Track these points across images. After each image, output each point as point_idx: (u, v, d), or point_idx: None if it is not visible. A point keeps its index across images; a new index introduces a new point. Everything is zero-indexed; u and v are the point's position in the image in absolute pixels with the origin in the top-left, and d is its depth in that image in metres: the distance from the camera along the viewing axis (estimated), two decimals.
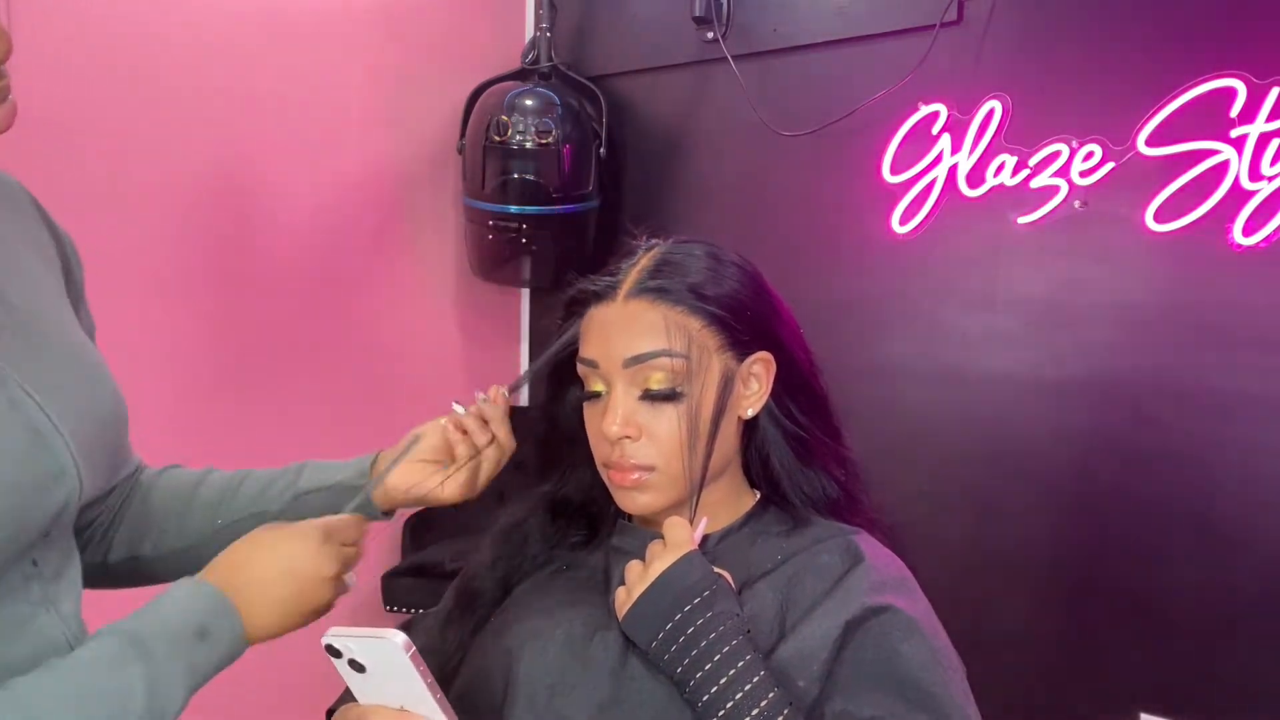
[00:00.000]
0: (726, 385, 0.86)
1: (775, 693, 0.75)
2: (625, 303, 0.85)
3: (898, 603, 0.82)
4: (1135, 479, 1.53)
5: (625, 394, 0.84)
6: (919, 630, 0.80)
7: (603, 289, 0.87)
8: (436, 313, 2.19)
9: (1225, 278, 1.44)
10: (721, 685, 0.75)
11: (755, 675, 0.75)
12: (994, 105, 1.61)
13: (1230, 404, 1.45)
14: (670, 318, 0.84)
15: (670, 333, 0.83)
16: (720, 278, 0.87)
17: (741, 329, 0.86)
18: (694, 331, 0.84)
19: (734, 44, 1.93)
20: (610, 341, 0.85)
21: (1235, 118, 1.40)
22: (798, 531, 0.90)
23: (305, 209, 1.89)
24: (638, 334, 0.84)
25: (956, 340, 1.71)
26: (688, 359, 0.83)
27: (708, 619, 0.77)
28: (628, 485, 0.85)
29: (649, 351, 0.83)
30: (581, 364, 0.87)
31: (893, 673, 0.78)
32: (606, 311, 0.86)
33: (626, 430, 0.83)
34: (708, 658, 0.76)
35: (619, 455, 0.84)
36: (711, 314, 0.85)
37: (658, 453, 0.84)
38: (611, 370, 0.84)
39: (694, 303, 0.85)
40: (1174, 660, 1.51)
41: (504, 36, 2.24)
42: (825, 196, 1.85)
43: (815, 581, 0.84)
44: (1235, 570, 1.45)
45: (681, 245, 0.90)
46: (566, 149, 1.99)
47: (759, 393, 0.88)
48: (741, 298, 0.87)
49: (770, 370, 0.88)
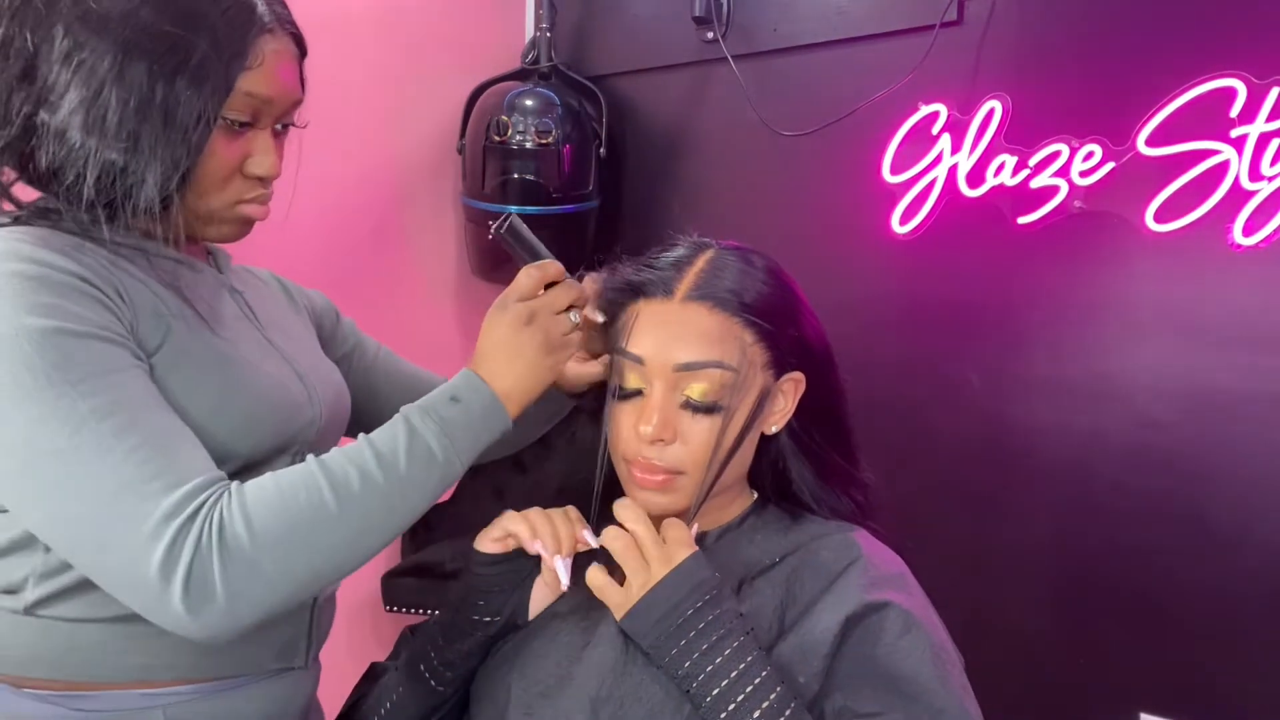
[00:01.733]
0: (762, 401, 0.86)
1: (780, 689, 0.76)
2: (683, 304, 0.84)
3: (896, 598, 0.82)
4: (1135, 479, 1.53)
5: (666, 397, 0.83)
6: (917, 625, 0.81)
7: (655, 284, 0.86)
8: (436, 313, 2.19)
9: (1225, 278, 1.44)
10: (727, 683, 0.75)
11: (760, 672, 0.76)
12: (994, 105, 1.61)
13: (1230, 404, 1.45)
14: (727, 328, 0.83)
15: (725, 344, 0.83)
16: (776, 294, 0.87)
17: (787, 349, 0.86)
18: (747, 345, 0.84)
19: (734, 44, 1.93)
20: (663, 342, 0.83)
21: (1235, 118, 1.40)
22: (796, 529, 0.91)
23: (305, 209, 1.88)
24: (693, 340, 0.83)
25: (957, 340, 1.71)
26: (736, 372, 0.83)
27: (715, 617, 0.78)
28: (653, 486, 0.85)
29: (702, 361, 0.82)
30: (623, 356, 0.85)
31: (891, 668, 0.78)
32: (662, 309, 0.85)
33: (663, 434, 0.83)
34: (713, 656, 0.76)
35: (650, 456, 0.84)
36: (765, 330, 0.85)
37: (689, 459, 0.84)
38: (657, 371, 0.84)
39: (750, 317, 0.84)
40: (1174, 660, 1.51)
41: (504, 36, 2.24)
42: (825, 196, 1.85)
43: (814, 578, 0.85)
44: (1235, 570, 1.45)
45: (739, 253, 0.89)
46: (566, 149, 1.99)
47: (784, 410, 0.89)
48: (792, 317, 0.87)
49: (799, 390, 0.89)
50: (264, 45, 0.86)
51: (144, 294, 0.84)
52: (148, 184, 0.81)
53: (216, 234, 0.92)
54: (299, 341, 1.04)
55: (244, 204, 0.91)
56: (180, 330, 0.85)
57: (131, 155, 0.80)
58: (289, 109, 0.92)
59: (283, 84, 0.88)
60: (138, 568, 0.73)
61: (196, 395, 0.83)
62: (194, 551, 0.73)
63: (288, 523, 0.76)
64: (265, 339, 0.97)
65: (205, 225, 0.90)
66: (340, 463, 0.81)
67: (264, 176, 0.91)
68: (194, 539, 0.73)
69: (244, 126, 0.87)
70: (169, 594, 0.73)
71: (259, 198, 0.92)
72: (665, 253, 0.90)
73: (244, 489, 0.78)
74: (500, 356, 0.87)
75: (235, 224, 0.92)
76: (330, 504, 0.78)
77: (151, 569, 0.72)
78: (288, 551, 0.76)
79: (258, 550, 0.75)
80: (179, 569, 0.72)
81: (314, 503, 0.77)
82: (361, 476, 0.80)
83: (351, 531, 0.79)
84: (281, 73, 0.88)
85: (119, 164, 0.81)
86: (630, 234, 2.18)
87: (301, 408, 0.94)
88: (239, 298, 0.98)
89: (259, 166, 0.90)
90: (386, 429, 0.84)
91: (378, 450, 0.81)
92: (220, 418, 0.84)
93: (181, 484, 0.75)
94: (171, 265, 0.89)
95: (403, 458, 0.81)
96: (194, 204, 0.87)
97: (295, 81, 0.91)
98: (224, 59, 0.83)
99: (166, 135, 0.81)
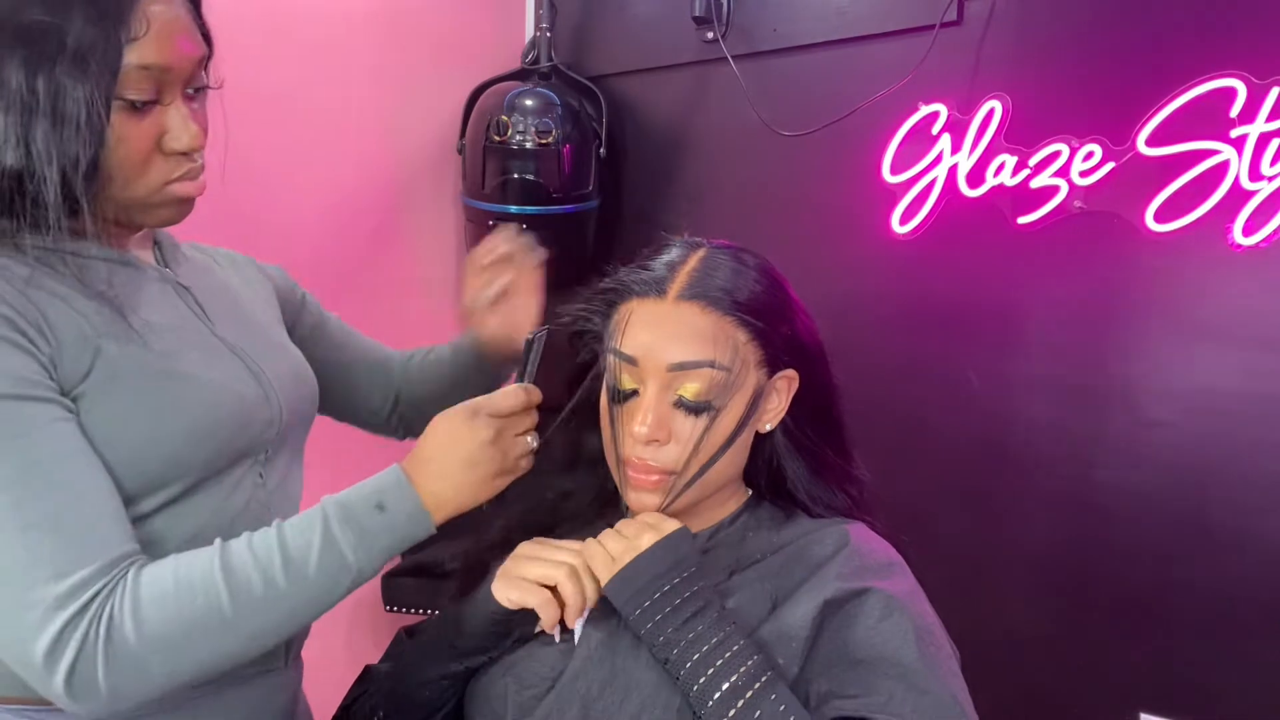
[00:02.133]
0: (755, 400, 0.86)
1: (757, 657, 0.76)
2: (676, 304, 0.84)
3: (878, 584, 0.82)
4: (1135, 478, 1.53)
5: (659, 397, 0.83)
6: (900, 609, 0.80)
7: (648, 284, 0.86)
8: (436, 313, 2.19)
9: (1225, 278, 1.44)
10: (705, 651, 0.76)
11: (737, 642, 0.76)
12: (994, 105, 1.61)
13: (1230, 404, 1.45)
14: (720, 327, 0.83)
15: (718, 343, 0.83)
16: (769, 292, 0.87)
17: (780, 347, 0.86)
18: (739, 344, 0.84)
19: (734, 44, 1.92)
20: (656, 341, 0.83)
21: (1235, 118, 1.39)
22: (789, 525, 0.91)
23: (305, 209, 1.89)
24: (686, 339, 0.83)
25: (957, 340, 1.71)
26: (729, 371, 0.83)
27: (696, 590, 0.78)
28: (647, 486, 0.85)
29: (695, 360, 0.82)
30: (616, 356, 0.85)
31: (871, 651, 0.78)
32: (655, 309, 0.84)
33: (657, 434, 0.83)
34: (693, 626, 0.77)
35: (644, 456, 0.84)
36: (758, 329, 0.85)
37: (682, 458, 0.84)
38: (651, 371, 0.84)
39: (743, 316, 0.84)
40: (1174, 660, 1.50)
41: (504, 36, 2.24)
42: (825, 196, 1.85)
43: (801, 568, 0.85)
44: (1235, 570, 1.45)
45: (731, 252, 0.89)
46: (566, 149, 1.99)
47: (778, 408, 0.89)
48: (785, 315, 0.87)
49: (792, 388, 0.89)
50: (145, 9, 0.78)
51: (68, 318, 0.79)
52: (49, 187, 0.75)
53: (155, 219, 0.87)
54: (255, 332, 0.99)
55: (173, 184, 0.84)
56: (110, 352, 0.80)
57: (26, 159, 0.75)
58: (192, 71, 0.83)
59: (177, 47, 0.80)
60: (24, 648, 0.72)
61: (131, 422, 0.80)
62: (79, 647, 0.71)
63: (180, 626, 0.74)
64: (215, 337, 0.92)
65: (139, 213, 0.85)
66: (245, 563, 0.77)
67: (185, 151, 0.83)
68: (80, 634, 0.72)
69: (147, 105, 0.80)
70: (53, 679, 0.72)
71: (188, 173, 0.85)
72: (658, 254, 0.90)
73: (140, 581, 0.75)
74: (452, 465, 0.84)
75: (170, 206, 0.86)
76: (227, 609, 0.75)
77: (37, 654, 0.71)
78: (177, 653, 0.75)
79: (145, 651, 0.73)
80: (63, 660, 0.71)
81: (211, 606, 0.75)
82: (265, 582, 0.77)
83: (245, 636, 0.77)
84: (174, 35, 0.80)
85: (14, 170, 0.75)
86: (630, 234, 2.18)
87: (256, 411, 0.91)
88: (186, 295, 0.93)
89: (177, 141, 0.82)
90: (302, 527, 0.80)
91: (288, 555, 0.78)
92: (159, 442, 0.82)
93: (74, 571, 0.73)
94: (106, 268, 0.84)
95: (313, 565, 0.78)
96: (118, 195, 0.82)
97: (191, 40, 0.83)
98: (104, 36, 0.75)
99: (59, 132, 0.74)
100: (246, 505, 0.91)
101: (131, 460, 0.80)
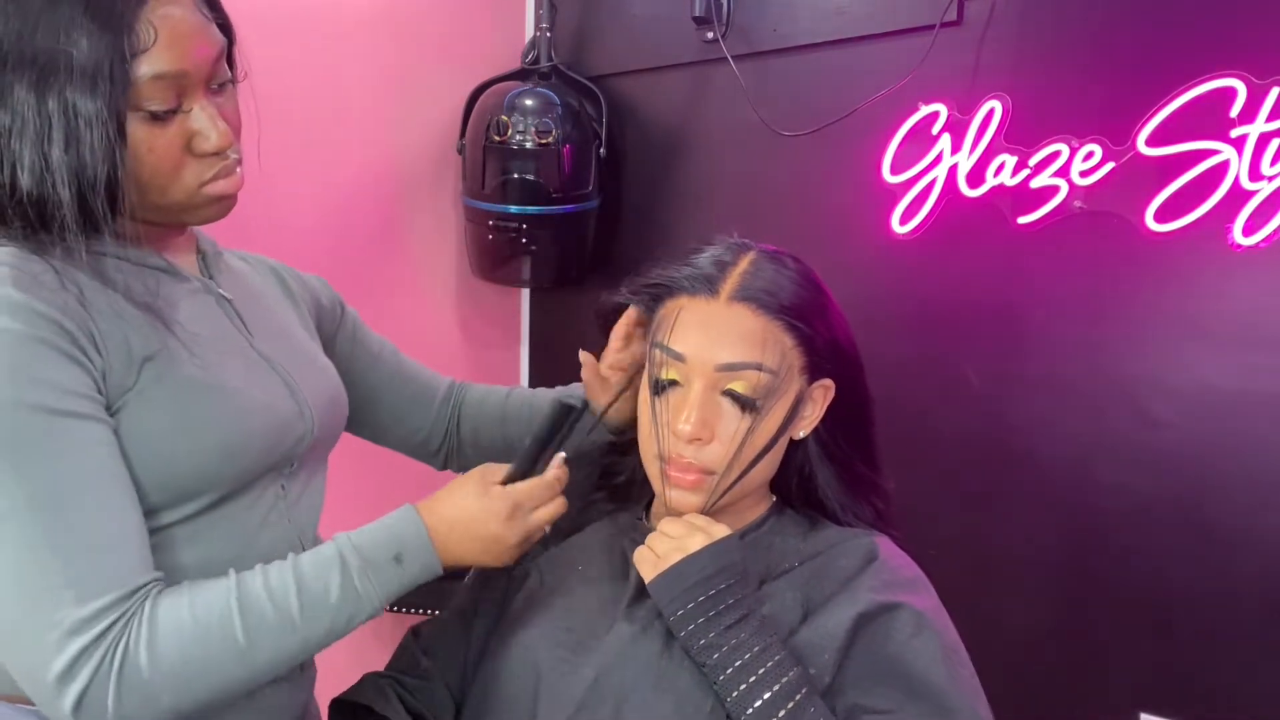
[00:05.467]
0: (796, 405, 0.86)
1: (795, 671, 0.77)
2: (728, 304, 0.85)
3: (908, 600, 0.83)
4: (1135, 479, 1.53)
5: (706, 396, 0.84)
6: (929, 627, 0.82)
7: (699, 282, 0.86)
8: (436, 313, 2.19)
9: (1225, 278, 1.44)
10: (747, 659, 0.76)
11: (776, 654, 0.77)
12: (994, 105, 1.61)
13: (1230, 404, 1.45)
14: (769, 331, 0.84)
15: (767, 346, 0.84)
16: (815, 300, 0.88)
17: (823, 353, 0.87)
18: (786, 349, 0.85)
19: (734, 44, 1.92)
20: (706, 341, 0.84)
21: (1235, 118, 1.39)
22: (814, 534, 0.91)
23: (305, 209, 1.89)
24: (736, 341, 0.83)
25: (957, 340, 1.71)
26: (775, 375, 0.84)
27: (741, 598, 0.79)
28: (685, 486, 0.85)
29: (744, 362, 0.83)
30: (664, 352, 0.86)
31: (903, 668, 0.79)
32: (706, 308, 0.85)
33: (701, 433, 0.83)
34: (736, 633, 0.77)
35: (686, 454, 0.84)
36: (804, 335, 0.86)
37: (722, 459, 0.84)
38: (698, 369, 0.84)
39: (792, 320, 0.85)
40: (1174, 660, 1.50)
41: (504, 36, 2.24)
42: (825, 196, 1.85)
43: (831, 580, 0.86)
44: (1235, 570, 1.45)
45: (780, 257, 0.90)
46: (566, 149, 1.99)
47: (812, 417, 0.90)
48: (829, 321, 0.89)
49: (828, 397, 0.90)
50: (150, 16, 0.76)
51: (118, 329, 0.80)
52: (67, 210, 0.75)
53: (197, 219, 0.88)
54: (292, 346, 1.00)
55: (208, 184, 0.84)
56: (155, 365, 0.81)
57: (42, 184, 0.75)
58: (211, 69, 0.81)
59: (191, 51, 0.78)
60: (37, 670, 0.73)
61: (168, 435, 0.81)
62: (93, 674, 0.72)
63: (195, 661, 0.75)
64: (254, 350, 0.93)
65: (181, 215, 0.86)
66: (260, 599, 0.79)
67: (216, 151, 0.82)
68: (95, 662, 0.72)
69: (169, 113, 0.79)
70: (61, 701, 0.72)
71: (221, 171, 0.84)
72: (703, 252, 0.90)
73: (157, 613, 0.76)
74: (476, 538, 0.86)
75: (210, 205, 0.86)
76: (241, 644, 0.77)
77: (49, 676, 0.72)
78: (187, 686, 0.76)
79: (157, 682, 0.74)
80: (74, 685, 0.72)
81: (226, 641, 0.77)
82: (280, 619, 0.79)
83: (256, 669, 0.78)
84: (186, 38, 0.78)
85: (35, 195, 0.75)
86: (630, 234, 2.18)
87: (291, 425, 0.92)
88: (227, 306, 0.94)
89: (206, 143, 0.82)
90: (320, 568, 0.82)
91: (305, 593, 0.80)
92: (193, 455, 0.83)
93: (96, 597, 0.73)
94: (154, 277, 0.86)
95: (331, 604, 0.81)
96: (157, 201, 0.82)
97: (205, 40, 0.80)
98: (111, 51, 0.74)
99: (73, 153, 0.74)
100: (266, 517, 0.91)
101: (164, 473, 0.81)
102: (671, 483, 0.86)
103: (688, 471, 0.84)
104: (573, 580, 0.93)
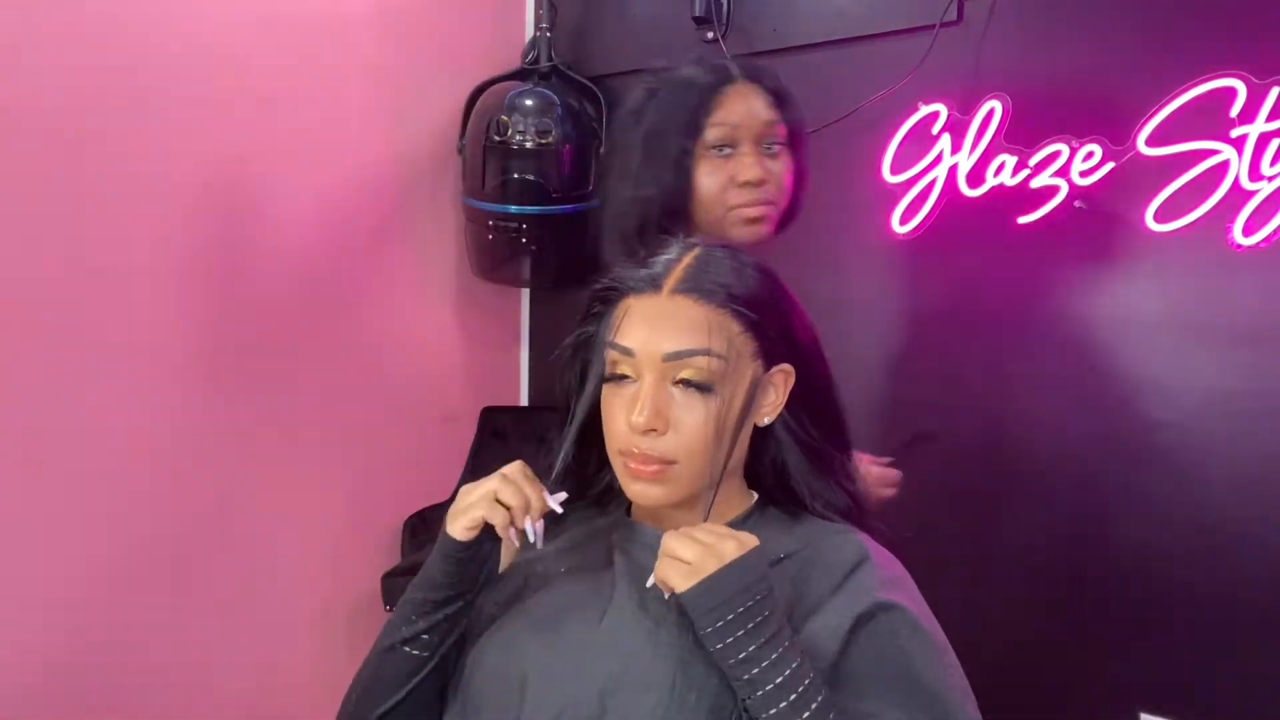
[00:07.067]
0: (753, 391, 0.87)
1: (825, 693, 0.77)
2: (670, 297, 0.86)
3: (902, 600, 0.83)
4: (1135, 478, 1.53)
5: (657, 387, 0.85)
6: (921, 629, 0.83)
7: (643, 281, 0.88)
8: (436, 313, 2.19)
9: (1225, 278, 1.44)
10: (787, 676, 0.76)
11: (809, 674, 0.77)
12: (994, 105, 1.61)
13: (1230, 404, 1.45)
14: (713, 318, 0.85)
15: (713, 333, 0.84)
16: (761, 287, 0.89)
17: (774, 339, 0.88)
18: (733, 335, 0.86)
19: (734, 44, 1.92)
20: (651, 333, 0.85)
21: (1235, 118, 1.40)
22: (798, 528, 0.92)
23: (305, 209, 1.89)
24: (680, 329, 0.85)
25: (957, 340, 1.71)
26: (725, 360, 0.84)
27: (773, 611, 0.78)
28: (646, 477, 0.85)
29: (690, 349, 0.84)
30: (614, 349, 0.87)
31: (898, 671, 0.80)
32: (650, 303, 0.87)
33: (654, 423, 0.84)
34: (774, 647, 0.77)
35: (644, 446, 0.85)
36: (751, 320, 0.86)
37: (681, 447, 0.85)
38: (647, 362, 0.85)
39: (736, 307, 0.86)
40: (1174, 660, 1.50)
41: (504, 36, 2.24)
42: (825, 196, 1.83)
43: (822, 577, 0.86)
44: (1235, 570, 1.45)
45: (724, 249, 0.91)
46: (566, 149, 1.99)
47: (775, 403, 0.90)
48: (779, 309, 0.89)
49: (788, 382, 0.90)
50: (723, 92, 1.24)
51: None
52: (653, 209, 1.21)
53: (734, 235, 1.22)
54: None
55: (738, 208, 1.23)
56: None
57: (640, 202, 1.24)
58: (761, 130, 1.24)
59: (744, 111, 1.23)
60: None
61: None
62: None
63: None
64: None
65: (720, 229, 1.22)
66: None
67: (748, 182, 1.22)
68: None
69: (725, 150, 1.23)
70: None
71: (749, 200, 1.24)
72: (656, 254, 0.91)
73: None
74: None
75: (739, 224, 1.24)
76: None
77: None
78: None
79: None
80: None
81: None
82: None
83: None
84: (744, 105, 1.24)
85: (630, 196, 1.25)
86: None
87: None
88: None
89: (743, 174, 1.22)
90: None
91: None
92: None
93: None
94: None
95: None
96: (704, 215, 1.23)
97: (756, 109, 1.24)
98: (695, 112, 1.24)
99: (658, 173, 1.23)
100: None
101: None
102: (632, 475, 0.86)
103: (647, 463, 0.85)
104: (558, 578, 0.93)
